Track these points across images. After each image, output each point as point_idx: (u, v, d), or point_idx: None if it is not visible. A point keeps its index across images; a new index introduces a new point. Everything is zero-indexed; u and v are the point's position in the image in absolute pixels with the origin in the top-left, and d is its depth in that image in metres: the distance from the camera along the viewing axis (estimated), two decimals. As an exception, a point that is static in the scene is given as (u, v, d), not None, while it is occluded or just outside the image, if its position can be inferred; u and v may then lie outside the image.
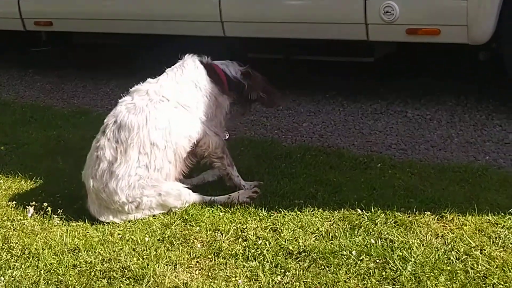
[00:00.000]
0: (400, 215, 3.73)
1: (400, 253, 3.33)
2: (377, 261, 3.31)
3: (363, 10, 5.28)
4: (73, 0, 6.89)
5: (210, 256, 3.50)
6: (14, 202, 4.22)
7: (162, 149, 3.93)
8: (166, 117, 3.97)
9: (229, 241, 3.62)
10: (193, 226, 3.82)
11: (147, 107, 3.95)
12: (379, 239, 3.49)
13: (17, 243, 3.74)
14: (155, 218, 3.94)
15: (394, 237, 3.50)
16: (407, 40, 5.28)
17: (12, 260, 3.59)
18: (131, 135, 3.87)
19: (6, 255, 3.63)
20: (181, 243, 3.64)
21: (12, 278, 3.42)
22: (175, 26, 6.32)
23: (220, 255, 3.50)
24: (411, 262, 3.26)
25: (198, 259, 3.48)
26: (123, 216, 3.93)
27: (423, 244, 3.43)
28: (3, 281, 3.39)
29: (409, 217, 3.71)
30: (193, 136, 4.05)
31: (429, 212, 3.73)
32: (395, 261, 3.28)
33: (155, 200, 3.95)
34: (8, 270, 3.48)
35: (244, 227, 3.74)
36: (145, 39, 7.06)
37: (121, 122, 3.91)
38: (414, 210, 3.76)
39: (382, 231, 3.57)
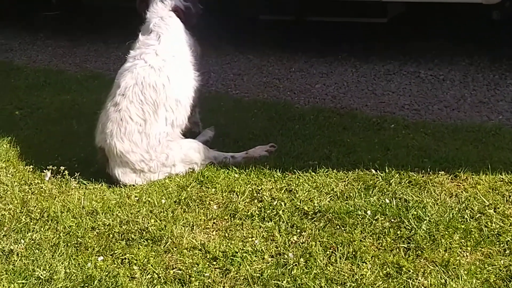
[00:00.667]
0: (414, 175, 3.76)
1: (415, 212, 3.37)
2: (392, 220, 3.34)
3: (376, -30, 5.25)
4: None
5: (226, 217, 3.54)
6: (31, 166, 4.26)
7: (184, 105, 4.09)
8: (181, 73, 4.13)
9: (244, 202, 3.66)
10: (208, 188, 3.86)
11: (165, 67, 4.05)
12: (393, 198, 3.53)
13: (35, 206, 3.79)
14: (171, 181, 3.98)
15: (409, 196, 3.53)
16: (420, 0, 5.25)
17: (31, 223, 3.64)
18: (159, 95, 3.97)
19: (25, 219, 3.68)
20: (197, 205, 3.68)
21: (32, 241, 3.47)
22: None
23: (236, 216, 3.54)
24: (425, 221, 3.29)
25: (215, 220, 3.53)
26: (146, 175, 3.99)
27: (437, 203, 3.46)
28: (24, 244, 3.44)
29: (423, 177, 3.74)
30: (196, 87, 4.22)
31: (443, 172, 3.76)
32: (410, 220, 3.31)
33: (178, 155, 4.03)
34: (28, 233, 3.54)
35: (259, 188, 3.78)
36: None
37: (143, 84, 3.98)
38: (428, 170, 3.79)
39: (396, 191, 3.60)
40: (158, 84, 4.00)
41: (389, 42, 6.40)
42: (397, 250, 3.13)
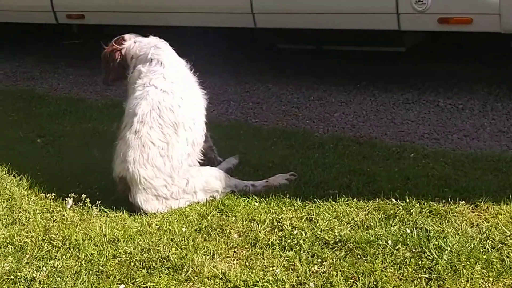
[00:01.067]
0: (435, 204, 3.76)
1: (436, 242, 3.36)
2: (413, 250, 3.34)
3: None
4: (104, -7, 6.97)
5: (247, 246, 3.55)
6: (53, 194, 4.29)
7: (200, 122, 4.22)
8: (191, 92, 4.25)
9: (265, 231, 3.67)
10: (229, 216, 3.87)
11: (176, 89, 4.15)
12: (414, 228, 3.52)
13: (57, 234, 3.82)
14: (191, 209, 4.00)
15: (430, 226, 3.53)
16: (439, 29, 5.29)
17: (53, 250, 3.67)
18: (177, 116, 4.06)
19: (47, 246, 3.71)
20: (217, 233, 3.69)
21: (54, 268, 3.49)
22: (206, 18, 6.37)
23: (256, 245, 3.55)
24: (447, 251, 3.28)
25: (235, 249, 3.54)
26: (168, 202, 4.03)
27: (458, 233, 3.45)
28: (46, 271, 3.46)
29: (443, 206, 3.74)
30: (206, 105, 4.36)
31: (463, 202, 3.75)
32: (431, 250, 3.30)
33: (199, 182, 4.08)
34: (50, 261, 3.56)
35: (280, 217, 3.79)
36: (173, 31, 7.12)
37: (159, 107, 4.05)
38: (449, 199, 3.78)
39: (417, 221, 3.60)
40: (174, 105, 4.09)
41: (408, 70, 6.42)
42: (419, 280, 3.12)
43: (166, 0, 6.59)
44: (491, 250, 3.28)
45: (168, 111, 4.06)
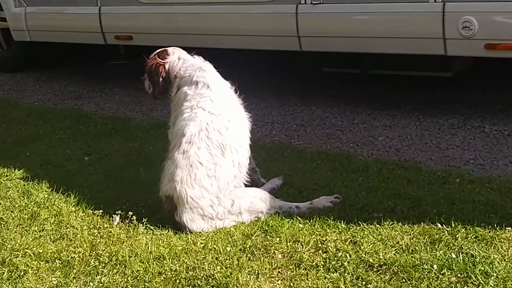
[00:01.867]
0: (481, 230, 3.73)
1: (482, 268, 3.34)
2: (459, 275, 3.32)
3: (441, 25, 5.28)
4: (153, 15, 7.09)
5: (291, 267, 3.57)
6: (100, 211, 4.37)
7: (245, 145, 4.27)
8: (237, 115, 4.30)
9: (309, 253, 3.68)
10: (273, 237, 3.89)
11: (223, 111, 4.21)
12: (460, 253, 3.50)
13: (104, 250, 3.88)
14: (236, 229, 4.03)
15: (475, 252, 3.50)
16: (486, 55, 5.26)
17: (100, 266, 3.73)
18: (224, 138, 4.12)
19: (94, 262, 3.77)
20: (262, 253, 3.72)
21: (101, 284, 3.55)
22: (252, 41, 6.44)
23: (301, 266, 3.56)
24: (493, 277, 3.26)
25: (280, 269, 3.56)
26: (213, 222, 4.07)
27: (504, 259, 3.42)
28: (93, 287, 3.53)
29: (489, 232, 3.71)
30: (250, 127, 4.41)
31: (510, 228, 3.72)
32: (477, 275, 3.28)
33: (245, 203, 4.11)
34: (96, 276, 3.62)
35: (324, 239, 3.80)
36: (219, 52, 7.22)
37: (208, 129, 4.11)
38: (495, 225, 3.76)
39: (463, 246, 3.58)
40: (221, 127, 4.15)
41: (453, 96, 6.39)
42: (465, 305, 3.11)
43: (213, 23, 6.68)
44: (539, 278, 3.25)
45: (216, 132, 4.11)
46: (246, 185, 4.28)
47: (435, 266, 3.39)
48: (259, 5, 6.35)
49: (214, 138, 4.10)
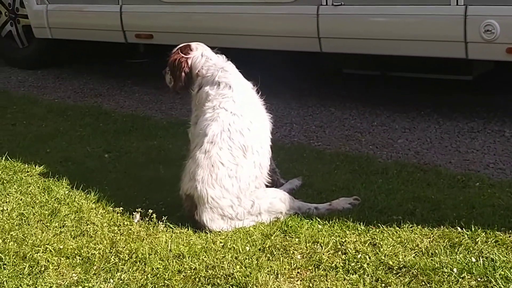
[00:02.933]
0: (501, 234, 3.73)
1: (502, 272, 3.33)
2: (479, 279, 3.31)
3: (463, 28, 5.27)
4: (174, 15, 7.12)
5: (310, 268, 3.57)
6: (120, 208, 4.40)
7: (267, 146, 4.28)
8: (258, 116, 4.30)
9: (328, 254, 3.69)
10: (292, 237, 3.90)
11: (246, 112, 4.22)
12: (480, 257, 3.49)
13: (124, 247, 3.90)
14: (255, 229, 4.05)
15: (496, 256, 3.49)
16: (507, 59, 5.25)
17: (120, 263, 3.75)
18: (246, 140, 4.12)
19: (114, 259, 3.79)
20: (281, 254, 3.73)
21: (121, 281, 3.57)
22: (274, 41, 6.45)
23: (320, 267, 3.57)
24: (513, 282, 3.26)
25: (299, 270, 3.56)
26: (233, 222, 4.09)
27: (525, 265, 3.42)
28: (113, 283, 3.55)
29: (510, 237, 3.71)
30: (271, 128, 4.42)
31: (530, 233, 3.71)
32: (497, 280, 3.28)
33: (264, 204, 4.12)
34: (116, 273, 3.64)
35: (343, 241, 3.80)
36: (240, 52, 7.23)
37: (230, 130, 4.12)
38: (515, 230, 3.76)
39: (483, 250, 3.57)
40: (244, 128, 4.16)
41: (473, 99, 6.38)
42: (485, 309, 3.11)
43: (233, 22, 6.70)
44: (559, 283, 3.24)
45: (238, 133, 4.13)
46: (267, 186, 4.29)
47: (455, 269, 3.39)
48: (281, 6, 6.37)
49: (236, 139, 4.11)
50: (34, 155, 5.62)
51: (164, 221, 4.15)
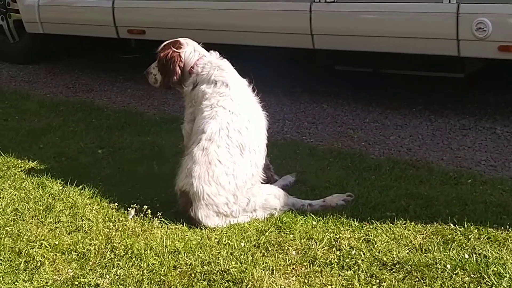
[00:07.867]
0: (493, 231, 3.77)
1: (495, 269, 3.37)
2: (472, 275, 3.36)
3: (455, 26, 5.31)
4: (166, 10, 7.12)
5: (305, 264, 3.61)
6: (115, 204, 4.41)
7: (263, 144, 4.32)
8: (255, 114, 4.35)
9: (323, 250, 3.72)
10: (287, 233, 3.93)
11: (243, 111, 4.25)
12: (473, 254, 3.54)
13: (119, 243, 3.92)
14: (249, 225, 4.07)
15: (488, 252, 3.54)
16: (499, 57, 5.29)
17: (116, 259, 3.77)
18: (244, 138, 4.16)
19: (110, 254, 3.81)
20: (276, 250, 3.76)
21: (117, 276, 3.59)
22: (266, 38, 6.47)
23: (315, 263, 3.60)
24: (506, 278, 3.30)
25: (294, 266, 3.60)
26: (227, 219, 4.11)
27: (517, 261, 3.46)
28: (109, 279, 3.57)
29: (502, 233, 3.75)
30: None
31: (522, 229, 3.76)
32: (490, 276, 3.32)
33: (259, 201, 4.15)
34: (112, 269, 3.66)
35: (338, 237, 3.84)
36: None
37: (228, 128, 4.14)
38: (507, 226, 3.80)
39: (475, 246, 3.61)
40: (242, 127, 4.19)
41: (464, 97, 6.42)
42: (478, 305, 3.15)
43: (225, 18, 6.71)
44: (551, 279, 3.29)
45: (236, 132, 4.15)
46: (261, 182, 4.31)
47: (448, 266, 3.43)
48: (273, 2, 6.39)
49: (234, 137, 4.14)
50: (27, 151, 5.63)
51: (159, 217, 4.16)
